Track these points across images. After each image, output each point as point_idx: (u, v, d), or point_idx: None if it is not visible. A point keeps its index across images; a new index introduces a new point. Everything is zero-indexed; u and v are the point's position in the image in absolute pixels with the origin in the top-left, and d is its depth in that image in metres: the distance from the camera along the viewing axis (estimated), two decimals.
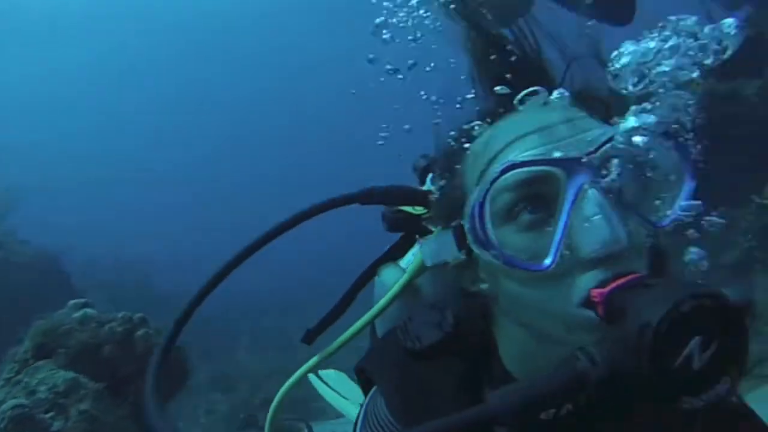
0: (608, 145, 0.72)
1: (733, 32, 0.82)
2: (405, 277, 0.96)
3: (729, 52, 0.82)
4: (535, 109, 0.79)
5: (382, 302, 0.96)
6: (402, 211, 0.98)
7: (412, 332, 0.86)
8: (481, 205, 0.72)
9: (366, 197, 0.97)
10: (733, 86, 5.04)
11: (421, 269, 0.94)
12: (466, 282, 0.83)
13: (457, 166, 0.83)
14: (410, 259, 0.99)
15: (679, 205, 0.75)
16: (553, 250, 0.69)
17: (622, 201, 0.71)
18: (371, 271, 1.05)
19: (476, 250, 0.74)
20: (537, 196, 0.73)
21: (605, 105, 0.84)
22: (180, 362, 4.70)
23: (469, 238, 0.74)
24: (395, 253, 1.03)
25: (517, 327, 0.81)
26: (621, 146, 0.72)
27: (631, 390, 0.61)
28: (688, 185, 0.77)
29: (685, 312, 0.58)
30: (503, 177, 0.71)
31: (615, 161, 0.73)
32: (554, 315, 0.72)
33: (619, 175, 0.73)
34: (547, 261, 0.70)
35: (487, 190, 0.71)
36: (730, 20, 0.78)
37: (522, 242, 0.73)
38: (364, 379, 0.95)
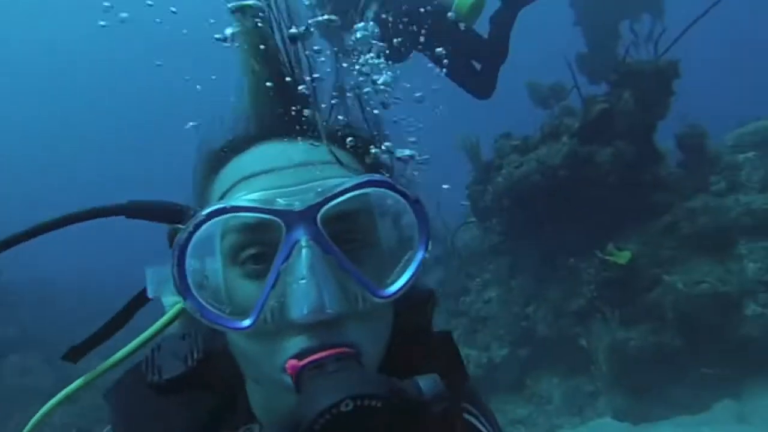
0: (339, 200, 0.64)
1: None
2: (180, 305, 0.85)
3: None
4: (279, 145, 0.72)
5: (155, 326, 0.87)
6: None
7: (155, 363, 0.79)
8: (182, 249, 0.63)
9: (124, 210, 0.88)
10: (590, 150, 5.57)
11: None
12: None
13: (207, 191, 0.75)
14: None
15: (408, 274, 0.69)
16: (255, 310, 0.63)
17: (342, 264, 0.63)
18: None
19: (179, 295, 0.65)
20: (265, 243, 0.65)
21: (365, 149, 0.77)
22: None
23: (173, 280, 0.64)
24: None
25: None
26: (352, 203, 0.65)
27: None
28: (420, 255, 0.69)
29: (346, 411, 0.54)
30: (214, 221, 0.63)
31: (344, 218, 0.66)
32: (266, 374, 0.66)
33: (344, 234, 0.66)
34: (247, 322, 0.63)
35: (191, 233, 0.63)
36: None
37: (243, 290, 0.66)
38: None
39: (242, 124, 0.77)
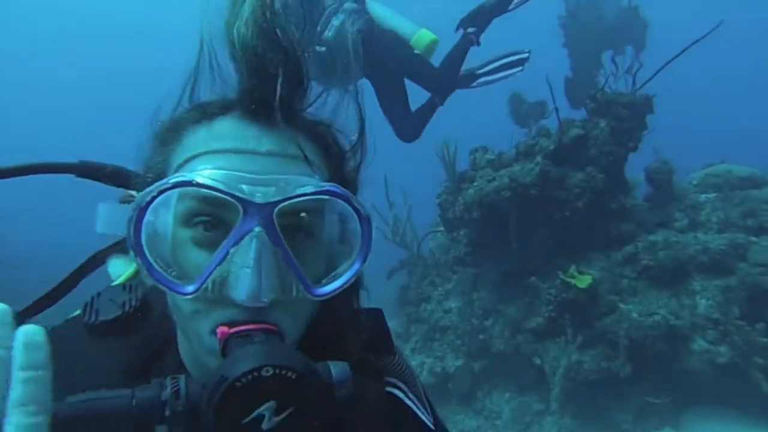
0: (298, 200, 0.69)
1: None
2: (130, 270, 0.94)
3: None
4: (253, 125, 0.73)
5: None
6: (134, 196, 0.90)
7: (94, 307, 0.85)
8: (143, 211, 0.68)
9: (75, 169, 0.91)
10: (562, 172, 5.67)
11: None
12: None
13: (170, 148, 0.77)
14: None
15: (342, 281, 0.75)
16: (199, 279, 0.68)
17: (287, 258, 0.69)
18: (98, 259, 0.98)
19: (131, 250, 0.69)
20: (218, 216, 0.70)
21: (338, 150, 0.81)
22: None
23: (127, 236, 0.68)
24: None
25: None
26: (308, 202, 0.71)
27: None
28: (357, 266, 0.76)
29: (265, 376, 0.59)
30: (174, 191, 0.68)
31: (298, 212, 0.72)
32: (196, 333, 0.71)
33: (294, 225, 0.72)
34: (190, 288, 0.69)
35: (153, 197, 0.68)
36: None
37: (190, 255, 0.71)
38: None
39: (220, 88, 0.78)
